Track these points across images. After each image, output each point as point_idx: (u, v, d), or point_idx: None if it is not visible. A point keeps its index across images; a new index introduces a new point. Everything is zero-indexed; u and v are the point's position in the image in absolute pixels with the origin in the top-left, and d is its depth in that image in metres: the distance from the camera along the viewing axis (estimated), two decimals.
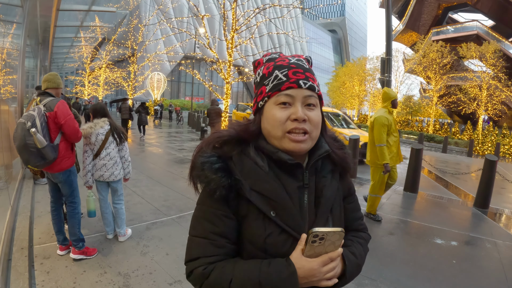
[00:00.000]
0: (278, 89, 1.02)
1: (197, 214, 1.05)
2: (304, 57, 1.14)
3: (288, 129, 0.99)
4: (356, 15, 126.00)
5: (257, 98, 1.09)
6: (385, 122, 5.27)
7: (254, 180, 1.00)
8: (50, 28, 12.63)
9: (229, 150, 1.05)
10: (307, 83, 1.03)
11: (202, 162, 1.01)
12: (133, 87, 19.42)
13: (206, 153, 1.04)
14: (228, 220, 1.00)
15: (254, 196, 0.98)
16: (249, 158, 1.03)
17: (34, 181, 6.31)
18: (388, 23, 8.70)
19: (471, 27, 33.99)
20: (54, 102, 3.42)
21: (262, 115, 1.07)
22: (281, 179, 1.02)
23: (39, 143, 3.11)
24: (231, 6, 10.33)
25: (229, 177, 0.98)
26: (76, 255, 3.58)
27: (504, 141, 20.67)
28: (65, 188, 3.63)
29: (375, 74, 40.10)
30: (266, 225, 0.98)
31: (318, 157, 1.08)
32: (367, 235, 1.27)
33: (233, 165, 1.02)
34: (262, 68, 1.11)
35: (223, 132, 1.09)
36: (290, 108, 1.01)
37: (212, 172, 0.98)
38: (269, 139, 1.05)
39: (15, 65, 7.50)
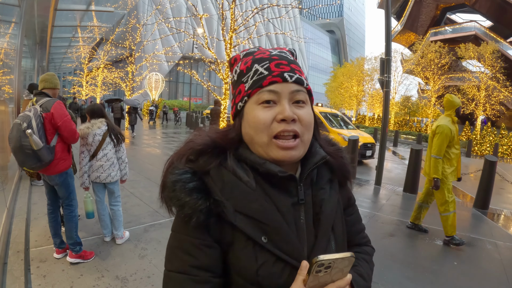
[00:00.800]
0: (259, 86, 0.85)
1: (173, 243, 0.87)
2: (287, 49, 0.98)
3: (275, 132, 0.82)
4: (354, 15, 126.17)
5: (235, 99, 0.93)
6: (448, 133, 4.75)
7: (238, 199, 0.82)
8: (47, 28, 12.58)
9: (206, 163, 0.86)
10: (294, 75, 0.86)
11: (173, 181, 0.83)
12: (131, 87, 19.34)
13: (178, 169, 0.85)
14: (210, 250, 0.82)
15: (239, 220, 0.80)
16: (230, 172, 0.85)
17: (30, 182, 6.26)
18: (387, 24, 8.68)
19: (469, 27, 34.03)
20: (51, 102, 3.36)
21: (242, 118, 0.90)
22: (271, 196, 0.85)
23: (35, 144, 3.06)
24: (230, 6, 10.29)
25: (207, 199, 0.81)
26: (73, 259, 3.53)
27: (503, 142, 20.68)
28: (61, 191, 3.57)
29: (373, 74, 40.14)
30: (258, 253, 0.80)
31: (314, 165, 0.92)
32: (371, 248, 1.13)
33: (212, 182, 0.84)
34: (239, 64, 0.94)
35: (197, 140, 0.91)
36: (275, 106, 0.84)
37: (186, 193, 0.80)
38: (252, 147, 0.88)
39: (12, 65, 7.45)
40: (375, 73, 39.12)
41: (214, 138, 0.90)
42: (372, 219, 5.75)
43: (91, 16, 16.62)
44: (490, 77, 26.77)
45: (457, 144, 4.95)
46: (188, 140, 0.93)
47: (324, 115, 12.68)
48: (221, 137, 0.91)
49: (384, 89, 8.62)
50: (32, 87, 5.83)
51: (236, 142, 0.90)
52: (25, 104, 5.63)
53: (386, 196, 7.45)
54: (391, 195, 7.57)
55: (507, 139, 20.64)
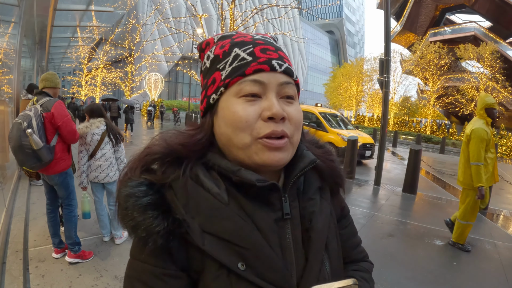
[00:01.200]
0: (240, 74, 0.69)
1: (130, 273, 0.69)
2: (269, 35, 0.82)
3: (261, 134, 0.67)
4: (353, 16, 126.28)
5: (206, 90, 0.75)
6: (484, 136, 4.43)
7: (206, 217, 0.65)
8: (47, 28, 12.57)
9: (166, 173, 0.70)
10: (283, 64, 0.71)
11: (125, 196, 0.66)
12: (130, 87, 19.35)
13: (132, 181, 0.68)
14: (174, 280, 0.66)
15: (209, 243, 0.64)
16: (197, 183, 0.69)
17: (29, 182, 6.25)
18: (386, 24, 8.68)
19: (469, 28, 34.07)
20: (52, 102, 3.35)
21: (216, 114, 0.73)
22: (249, 211, 0.68)
23: (35, 144, 3.05)
24: (229, 6, 10.29)
25: (166, 217, 0.64)
26: (72, 259, 3.52)
27: (502, 142, 20.70)
28: (61, 191, 3.57)
29: (373, 75, 40.16)
30: (234, 284, 0.64)
31: (301, 171, 0.75)
32: (369, 264, 0.97)
33: (173, 197, 0.67)
34: (213, 48, 0.77)
35: (153, 147, 0.74)
36: (260, 101, 0.69)
37: (139, 211, 0.64)
38: (229, 151, 0.72)
39: (11, 65, 7.44)
40: (374, 74, 39.14)
41: (174, 144, 0.73)
42: (371, 219, 5.75)
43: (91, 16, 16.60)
44: (489, 77, 26.86)
45: (492, 148, 4.61)
46: (147, 146, 0.76)
47: (323, 115, 12.69)
48: (184, 141, 0.73)
49: (383, 90, 8.63)
50: (31, 87, 5.82)
51: (205, 145, 0.74)
52: (23, 104, 5.61)
53: (385, 196, 7.45)
54: (390, 195, 7.57)
55: (506, 140, 20.67)
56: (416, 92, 40.18)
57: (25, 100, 5.55)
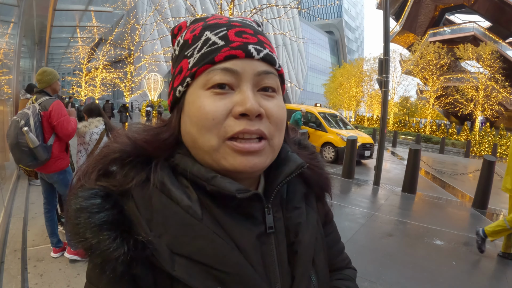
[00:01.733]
0: (209, 61, 0.58)
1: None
2: (253, 20, 0.70)
3: (231, 133, 0.56)
4: (353, 16, 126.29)
5: (173, 81, 0.64)
6: None
7: (176, 235, 0.54)
8: (46, 28, 12.54)
9: (126, 178, 0.58)
10: (262, 50, 0.60)
11: (76, 209, 0.53)
12: (130, 88, 19.35)
13: (85, 190, 0.55)
14: None
15: (180, 267, 0.53)
16: (163, 192, 0.57)
17: (28, 182, 6.24)
18: (385, 24, 8.67)
19: (468, 28, 34.13)
20: (50, 101, 3.34)
21: (182, 109, 0.62)
22: (227, 227, 0.57)
23: (31, 142, 3.06)
24: (228, 6, 10.29)
25: (126, 239, 0.51)
26: (71, 255, 3.52)
27: (501, 142, 20.72)
28: (61, 188, 3.57)
29: (372, 75, 40.16)
30: None
31: (286, 177, 0.65)
32: (353, 270, 0.88)
33: (135, 210, 0.56)
34: (184, 33, 0.66)
35: (113, 145, 0.62)
36: (232, 94, 0.58)
37: (93, 232, 0.51)
38: (195, 153, 0.61)
39: (11, 65, 7.44)
40: (374, 74, 39.15)
41: (138, 140, 0.61)
42: (371, 219, 5.74)
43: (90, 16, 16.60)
44: (488, 77, 26.87)
45: None
46: (105, 144, 0.64)
47: (322, 115, 12.69)
48: (149, 138, 0.62)
49: (383, 90, 8.62)
50: (30, 87, 5.82)
51: (171, 145, 0.63)
52: (22, 104, 5.61)
53: (384, 196, 7.45)
54: (389, 195, 7.57)
55: (506, 140, 20.69)
56: (416, 92, 40.26)
57: (24, 99, 5.55)
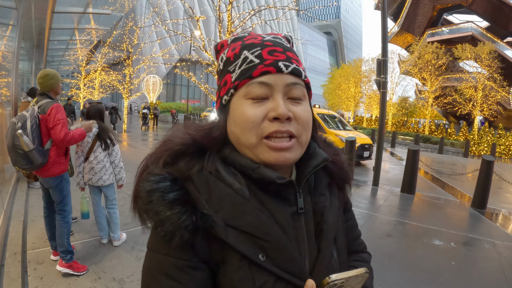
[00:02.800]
0: (248, 76, 0.72)
1: (151, 265, 0.71)
2: (283, 35, 0.85)
3: (266, 133, 0.71)
4: (351, 17, 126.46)
5: (220, 91, 0.80)
6: None
7: (229, 211, 0.69)
8: (45, 31, 12.56)
9: (187, 166, 0.73)
10: (290, 65, 0.74)
11: (148, 191, 0.68)
12: (128, 90, 19.30)
13: (154, 175, 0.70)
14: (196, 272, 0.68)
15: (232, 236, 0.67)
16: (218, 178, 0.72)
17: (28, 184, 6.24)
18: (383, 25, 8.69)
19: (466, 28, 34.18)
20: (49, 104, 3.29)
21: (227, 114, 0.77)
22: (268, 206, 0.72)
23: (26, 145, 3.01)
24: (227, 8, 10.29)
25: (193, 212, 0.66)
26: (63, 268, 3.33)
27: (500, 141, 20.74)
28: (55, 195, 3.48)
29: (371, 76, 40.17)
30: (255, 274, 0.68)
31: (314, 168, 0.80)
32: (368, 255, 1.05)
33: (196, 192, 0.70)
34: (226, 50, 0.81)
35: (175, 139, 0.77)
36: (267, 102, 0.72)
37: (166, 206, 0.66)
38: (239, 149, 0.76)
39: (9, 68, 7.44)
40: (372, 75, 39.16)
41: (195, 136, 0.77)
42: (370, 219, 5.75)
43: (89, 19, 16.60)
44: (487, 77, 26.89)
45: None
46: (165, 139, 0.79)
47: (321, 116, 12.70)
48: (203, 135, 0.77)
49: (381, 90, 8.64)
50: (32, 91, 5.82)
51: (221, 142, 0.77)
52: (22, 107, 5.62)
53: (383, 196, 7.46)
54: (388, 195, 7.58)
55: (504, 139, 20.71)
56: (414, 92, 40.23)
57: (25, 102, 5.56)
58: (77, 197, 4.08)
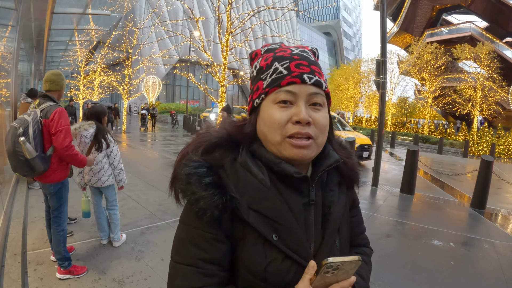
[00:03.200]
0: (277, 85, 0.86)
1: (182, 236, 0.87)
2: (309, 48, 0.97)
3: (289, 133, 0.84)
4: (350, 17, 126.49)
5: (252, 95, 0.94)
6: None
7: (252, 196, 0.83)
8: (44, 32, 12.54)
9: (221, 156, 0.88)
10: (313, 78, 0.87)
11: (187, 174, 0.83)
12: (128, 90, 19.29)
13: (193, 161, 0.85)
14: (221, 244, 0.84)
15: (252, 217, 0.82)
16: (245, 169, 0.87)
17: (27, 185, 6.24)
18: (382, 25, 8.70)
19: (465, 28, 34.21)
20: (53, 109, 3.14)
21: (258, 115, 0.91)
22: (284, 195, 0.87)
23: (28, 153, 2.89)
24: (226, 9, 10.29)
25: (223, 195, 0.81)
26: (62, 275, 3.29)
27: (499, 141, 20.75)
28: (52, 201, 3.39)
29: (370, 76, 40.15)
30: (267, 250, 0.82)
31: (326, 167, 0.93)
32: (369, 249, 1.17)
33: (227, 178, 0.85)
34: (259, 60, 0.95)
35: (212, 133, 0.93)
36: (292, 107, 0.85)
37: (202, 188, 0.81)
38: (266, 145, 0.89)
39: (9, 68, 7.44)
40: (371, 75, 39.14)
41: (230, 131, 0.93)
42: (369, 220, 5.76)
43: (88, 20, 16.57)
44: (486, 77, 26.88)
45: None
46: (203, 132, 0.95)
47: None
48: (237, 131, 0.93)
49: (380, 91, 8.64)
50: (32, 91, 5.78)
51: (251, 137, 0.92)
52: (22, 108, 5.59)
53: (383, 197, 7.47)
54: (388, 196, 7.59)
55: (504, 139, 20.72)
56: (414, 92, 40.26)
57: (25, 103, 5.52)
58: (78, 197, 4.08)
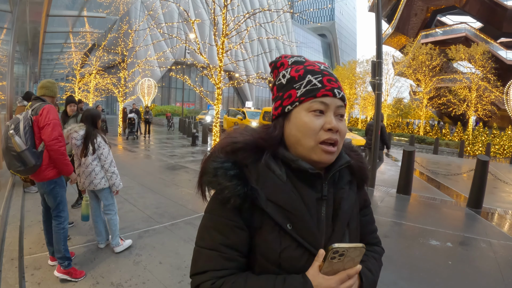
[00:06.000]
0: (313, 95, 0.97)
1: (206, 223, 0.98)
2: (326, 65, 1.09)
3: (322, 139, 0.95)
4: (345, 19, 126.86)
5: (283, 101, 1.02)
6: None
7: (271, 189, 0.94)
8: (39, 34, 12.52)
9: (245, 157, 0.99)
10: (341, 92, 1.00)
11: (215, 168, 0.94)
12: (123, 93, 19.23)
13: (220, 158, 0.97)
14: (241, 231, 0.94)
15: (270, 207, 0.92)
16: (265, 165, 0.98)
17: (23, 189, 6.20)
18: (378, 27, 8.73)
19: (460, 29, 34.41)
20: (42, 106, 3.29)
21: (288, 120, 1.01)
22: (299, 189, 0.97)
23: (18, 146, 3.01)
24: (221, 11, 10.30)
25: (245, 186, 0.92)
26: (61, 274, 3.31)
27: (495, 141, 20.87)
28: (49, 200, 3.42)
29: (365, 77, 40.27)
30: (282, 238, 0.92)
31: (338, 167, 1.04)
32: (381, 249, 1.24)
33: (249, 173, 0.96)
34: (288, 70, 1.04)
35: (238, 138, 1.02)
36: (323, 116, 0.97)
37: (227, 179, 0.92)
38: (295, 147, 0.99)
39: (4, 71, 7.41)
40: (367, 76, 39.26)
41: (257, 138, 1.01)
42: None
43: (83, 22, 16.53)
44: (481, 77, 27.05)
45: None
46: (231, 135, 1.04)
47: None
48: (264, 137, 1.01)
49: (376, 92, 8.66)
50: (28, 94, 5.78)
51: (279, 139, 1.01)
52: (17, 111, 5.58)
53: (380, 198, 7.48)
54: (384, 196, 7.60)
55: (499, 139, 20.84)
56: (409, 93, 40.42)
57: (21, 106, 5.53)
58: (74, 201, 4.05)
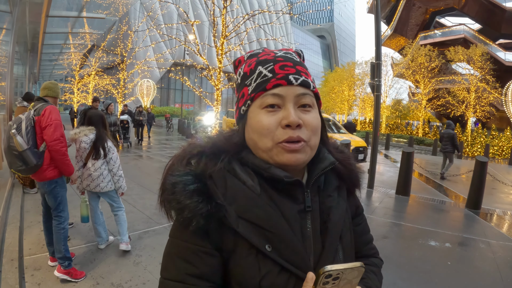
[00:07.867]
0: (262, 89, 0.81)
1: (170, 250, 0.81)
2: (293, 50, 0.93)
3: (280, 139, 0.78)
4: (344, 21, 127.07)
5: (238, 103, 0.89)
6: None
7: (241, 204, 0.77)
8: (39, 35, 12.52)
9: (208, 165, 0.82)
10: (299, 78, 0.82)
11: (173, 183, 0.78)
12: (122, 94, 19.25)
13: (178, 171, 0.80)
14: (209, 257, 0.77)
15: (242, 226, 0.76)
16: (234, 176, 0.82)
17: (23, 190, 6.19)
18: (377, 28, 8.75)
19: (458, 31, 34.43)
20: (44, 106, 3.31)
21: (245, 123, 0.86)
22: (277, 202, 0.80)
23: (19, 145, 3.05)
24: (221, 12, 10.32)
25: (209, 202, 0.75)
26: (61, 274, 3.31)
27: (493, 142, 20.89)
28: (50, 200, 3.44)
29: (364, 79, 40.33)
30: (261, 263, 0.76)
31: (321, 171, 0.87)
32: (379, 260, 1.10)
33: (214, 186, 0.79)
34: (243, 66, 0.90)
35: (197, 143, 0.89)
36: (280, 111, 0.80)
37: (186, 196, 0.75)
38: (256, 153, 0.84)
39: (4, 72, 7.41)
40: (366, 78, 39.31)
41: (216, 140, 0.88)
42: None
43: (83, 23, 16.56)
44: (479, 79, 27.10)
45: None
46: (190, 143, 0.90)
47: None
48: (225, 141, 0.87)
49: (375, 93, 8.69)
50: (28, 95, 5.81)
51: (240, 146, 0.86)
52: (17, 111, 5.60)
53: (379, 199, 7.50)
54: (383, 197, 7.62)
55: (497, 140, 20.87)
56: (408, 95, 40.44)
57: (21, 107, 5.55)
58: (77, 201, 4.06)
